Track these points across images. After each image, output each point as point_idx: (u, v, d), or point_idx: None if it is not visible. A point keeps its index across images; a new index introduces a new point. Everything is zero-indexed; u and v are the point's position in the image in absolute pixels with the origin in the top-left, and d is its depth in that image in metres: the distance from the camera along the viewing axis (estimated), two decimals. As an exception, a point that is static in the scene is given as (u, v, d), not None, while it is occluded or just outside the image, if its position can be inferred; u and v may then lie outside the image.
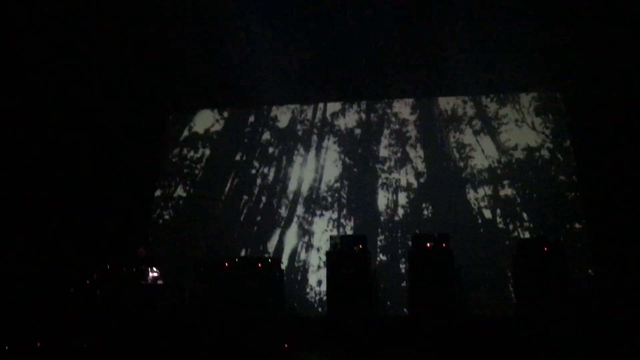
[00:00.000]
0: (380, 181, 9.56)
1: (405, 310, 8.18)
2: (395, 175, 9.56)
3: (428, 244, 7.43)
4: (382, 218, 9.31)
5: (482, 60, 9.07)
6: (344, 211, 9.48)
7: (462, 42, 8.86)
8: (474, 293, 8.39)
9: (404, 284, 8.67)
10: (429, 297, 7.20)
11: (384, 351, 7.10)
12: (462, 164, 9.47)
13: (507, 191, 9.18)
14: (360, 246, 7.76)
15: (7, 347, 5.95)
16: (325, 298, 7.83)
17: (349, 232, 9.23)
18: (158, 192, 9.92)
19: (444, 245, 7.36)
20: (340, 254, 7.67)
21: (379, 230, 9.23)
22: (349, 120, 10.12)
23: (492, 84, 9.55)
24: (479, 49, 8.96)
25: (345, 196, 9.57)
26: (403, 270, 8.82)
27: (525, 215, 8.95)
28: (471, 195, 9.23)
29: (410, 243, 7.74)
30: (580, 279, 8.31)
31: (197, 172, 10.10)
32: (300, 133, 10.15)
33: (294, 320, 8.58)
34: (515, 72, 9.12)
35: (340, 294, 7.53)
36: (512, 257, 7.02)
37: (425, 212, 9.26)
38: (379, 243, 9.15)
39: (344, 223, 9.38)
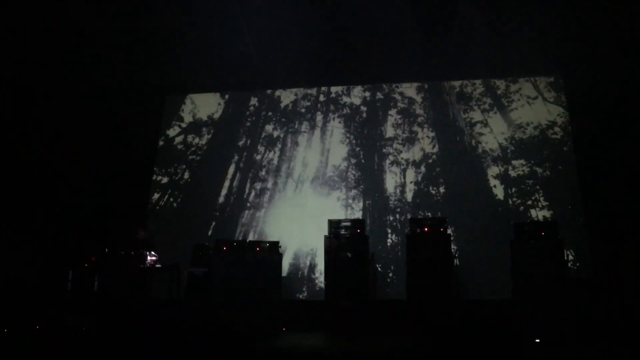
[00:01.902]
0: (388, 161, 9.36)
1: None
2: (403, 155, 9.34)
3: (426, 228, 7.34)
4: (391, 199, 9.14)
5: (491, 44, 8.79)
6: (352, 192, 9.35)
7: (472, 25, 8.61)
8: (478, 275, 8.19)
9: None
10: (426, 280, 7.13)
11: (379, 333, 7.05)
12: (473, 142, 9.17)
13: (518, 170, 8.85)
14: (359, 230, 7.71)
15: (5, 330, 6.18)
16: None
17: (358, 213, 9.11)
18: (165, 180, 9.99)
19: (441, 230, 7.25)
20: (339, 238, 7.65)
21: (388, 211, 9.07)
22: (355, 99, 9.92)
23: (501, 68, 9.26)
24: (488, 33, 8.67)
25: (352, 177, 9.43)
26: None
27: (537, 195, 8.64)
28: (482, 174, 8.95)
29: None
30: (589, 258, 8.07)
31: (200, 157, 10.09)
32: (303, 111, 10.02)
33: (297, 304, 8.62)
34: (523, 56, 8.86)
35: (338, 278, 7.53)
36: (510, 241, 6.81)
37: (434, 192, 9.03)
38: (388, 224, 9.00)
39: (353, 204, 9.25)
